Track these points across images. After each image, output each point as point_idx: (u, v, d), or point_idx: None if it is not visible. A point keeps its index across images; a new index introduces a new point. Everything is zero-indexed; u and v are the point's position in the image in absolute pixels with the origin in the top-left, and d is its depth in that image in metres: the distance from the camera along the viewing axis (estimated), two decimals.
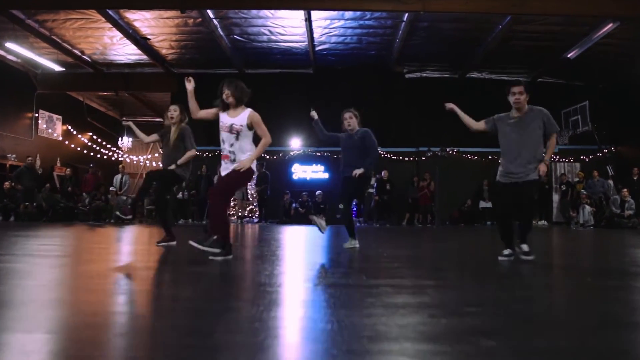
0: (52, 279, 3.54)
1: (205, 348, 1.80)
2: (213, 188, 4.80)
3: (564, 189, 16.16)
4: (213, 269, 4.08)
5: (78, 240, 7.71)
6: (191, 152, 6.43)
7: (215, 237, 4.62)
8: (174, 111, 6.51)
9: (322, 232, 6.30)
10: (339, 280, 3.50)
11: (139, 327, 2.19)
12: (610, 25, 12.58)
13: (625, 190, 14.60)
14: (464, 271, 4.31)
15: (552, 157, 17.14)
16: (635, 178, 15.42)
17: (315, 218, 6.25)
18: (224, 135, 4.76)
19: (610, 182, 15.71)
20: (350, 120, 6.37)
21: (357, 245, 6.32)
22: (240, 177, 4.73)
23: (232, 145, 4.69)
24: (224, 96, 4.75)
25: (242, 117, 4.72)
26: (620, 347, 1.94)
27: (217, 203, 4.72)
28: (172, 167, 6.37)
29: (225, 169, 4.76)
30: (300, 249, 6.65)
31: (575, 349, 1.90)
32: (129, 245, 7.06)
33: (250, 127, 4.73)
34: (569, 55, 14.73)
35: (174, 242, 6.45)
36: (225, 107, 4.78)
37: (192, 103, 4.93)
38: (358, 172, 6.08)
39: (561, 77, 17.15)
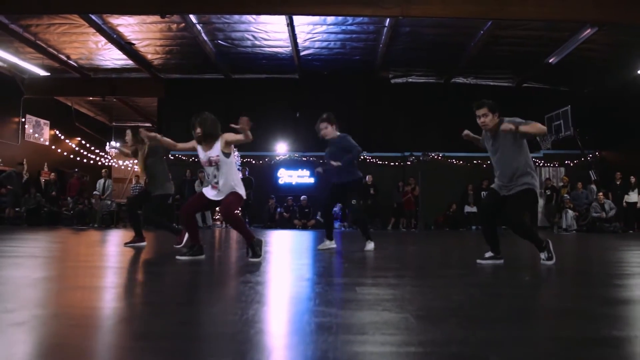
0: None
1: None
2: (223, 213, 4.98)
3: (548, 193, 16.22)
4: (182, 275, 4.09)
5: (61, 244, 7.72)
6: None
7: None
8: (126, 136, 6.60)
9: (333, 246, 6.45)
10: None
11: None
12: (588, 30, 12.66)
13: (600, 194, 14.69)
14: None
15: (537, 162, 17.22)
16: (618, 182, 15.49)
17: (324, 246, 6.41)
18: (207, 169, 4.89)
19: (594, 186, 15.77)
20: (326, 130, 6.35)
21: (334, 246, 6.45)
22: (236, 200, 4.82)
23: (215, 176, 4.79)
24: (195, 134, 4.84)
25: (216, 148, 4.77)
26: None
27: (232, 216, 4.85)
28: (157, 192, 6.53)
29: (215, 195, 4.84)
30: (281, 261, 6.68)
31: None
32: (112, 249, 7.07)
33: (227, 153, 4.77)
34: (550, 61, 14.82)
35: (144, 243, 6.61)
36: (200, 141, 4.85)
37: (165, 142, 5.35)
38: (335, 164, 6.18)
39: (546, 82, 17.26)
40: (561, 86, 17.40)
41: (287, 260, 5.41)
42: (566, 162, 17.41)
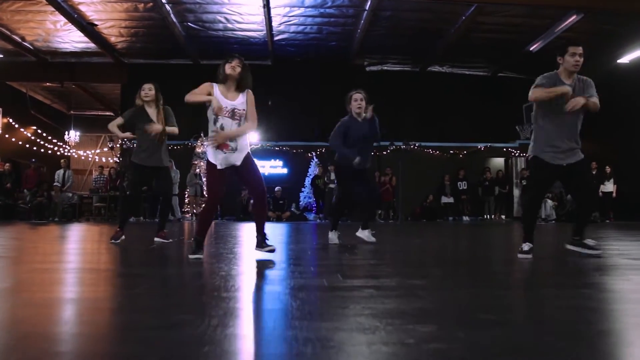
0: None
1: None
2: (258, 192, 4.38)
3: (524, 183, 16.05)
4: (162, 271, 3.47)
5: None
6: (176, 129, 6.04)
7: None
8: (148, 90, 5.90)
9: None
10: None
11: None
12: (574, 17, 12.46)
13: None
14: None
15: (512, 152, 17.08)
16: (594, 172, 15.45)
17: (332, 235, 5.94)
18: (224, 121, 4.11)
19: None
20: (362, 103, 5.70)
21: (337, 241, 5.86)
22: (253, 163, 4.38)
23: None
24: (230, 67, 4.15)
25: (241, 100, 4.18)
26: None
27: (264, 201, 4.50)
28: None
29: (227, 162, 4.15)
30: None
31: None
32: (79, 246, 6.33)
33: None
34: (531, 49, 14.59)
35: (123, 237, 5.96)
36: (232, 83, 4.19)
37: (201, 98, 4.12)
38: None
39: (522, 71, 17.04)
40: (538, 75, 17.24)
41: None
42: None
